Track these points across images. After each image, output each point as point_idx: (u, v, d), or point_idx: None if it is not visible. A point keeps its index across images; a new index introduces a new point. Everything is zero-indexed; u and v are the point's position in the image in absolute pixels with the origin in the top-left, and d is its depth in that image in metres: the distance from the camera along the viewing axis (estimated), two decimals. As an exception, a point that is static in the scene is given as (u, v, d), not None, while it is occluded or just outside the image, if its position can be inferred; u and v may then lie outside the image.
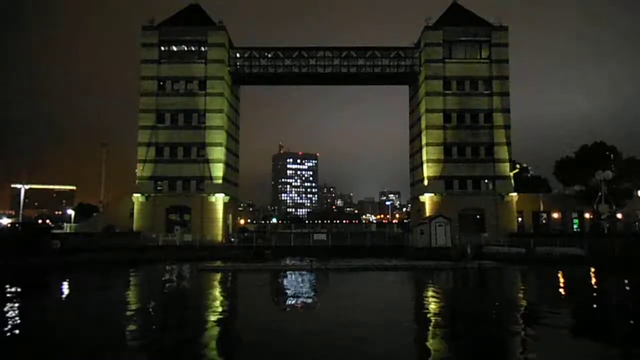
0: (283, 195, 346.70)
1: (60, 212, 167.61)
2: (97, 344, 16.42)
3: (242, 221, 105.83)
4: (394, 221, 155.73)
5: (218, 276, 36.35)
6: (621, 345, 16.46)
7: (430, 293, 29.47)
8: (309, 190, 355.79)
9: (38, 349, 15.99)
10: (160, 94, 61.72)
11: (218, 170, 61.38)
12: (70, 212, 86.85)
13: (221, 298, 27.68)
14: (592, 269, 38.17)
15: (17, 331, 18.44)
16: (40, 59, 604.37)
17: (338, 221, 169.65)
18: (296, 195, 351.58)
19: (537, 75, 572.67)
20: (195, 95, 61.97)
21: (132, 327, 19.52)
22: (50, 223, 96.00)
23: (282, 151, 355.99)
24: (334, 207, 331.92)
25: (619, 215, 61.82)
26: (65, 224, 68.54)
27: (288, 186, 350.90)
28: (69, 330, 18.80)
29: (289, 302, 25.20)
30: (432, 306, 24.25)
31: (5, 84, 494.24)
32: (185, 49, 63.68)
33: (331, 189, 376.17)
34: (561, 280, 35.12)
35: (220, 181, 61.27)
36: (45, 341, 17.08)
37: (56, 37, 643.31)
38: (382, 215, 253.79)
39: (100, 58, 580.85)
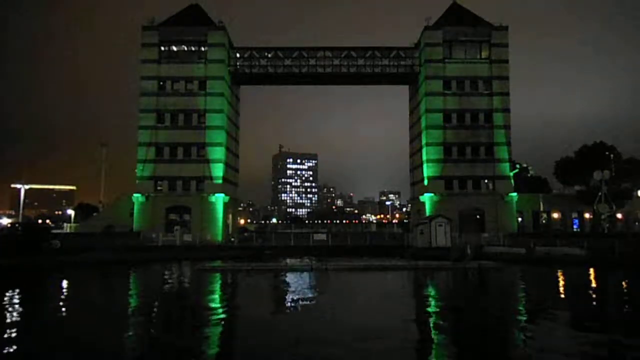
0: (283, 195, 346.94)
1: (60, 212, 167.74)
2: (90, 346, 16.40)
3: (242, 221, 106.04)
4: (394, 221, 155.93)
5: (217, 276, 36.32)
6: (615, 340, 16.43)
7: (430, 293, 29.45)
8: (309, 190, 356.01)
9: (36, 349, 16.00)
10: (160, 94, 61.79)
11: (218, 170, 61.42)
12: (70, 212, 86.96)
13: (220, 299, 27.64)
14: (592, 269, 38.14)
15: (14, 331, 18.44)
16: (41, 59, 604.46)
17: (338, 221, 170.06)
18: (296, 195, 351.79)
19: (537, 75, 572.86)
20: (195, 95, 61.99)
21: (130, 332, 19.49)
22: (50, 223, 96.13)
23: (282, 151, 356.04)
24: (334, 207, 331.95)
25: (619, 215, 61.88)
26: (65, 224, 68.66)
27: (288, 186, 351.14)
28: (68, 329, 18.78)
29: (289, 303, 25.14)
30: (433, 308, 24.24)
31: (5, 84, 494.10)
32: (185, 49, 63.70)
33: (331, 189, 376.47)
34: (561, 280, 35.11)
35: (220, 181, 61.30)
36: (40, 342, 17.06)
37: (56, 36, 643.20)
38: (382, 215, 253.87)
39: (100, 58, 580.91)
